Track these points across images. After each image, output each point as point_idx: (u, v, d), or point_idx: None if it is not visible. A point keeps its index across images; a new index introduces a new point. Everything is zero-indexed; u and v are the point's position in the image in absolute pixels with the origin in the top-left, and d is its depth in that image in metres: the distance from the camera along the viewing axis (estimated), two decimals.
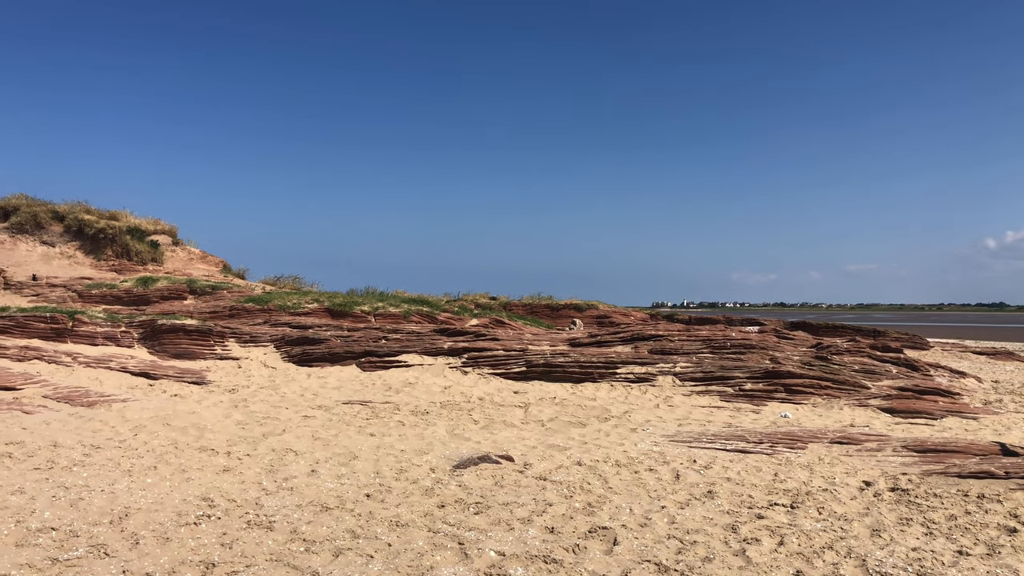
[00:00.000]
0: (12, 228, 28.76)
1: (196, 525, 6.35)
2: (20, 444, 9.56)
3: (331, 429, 11.01)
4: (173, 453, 9.25)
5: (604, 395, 14.19)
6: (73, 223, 28.90)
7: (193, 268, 29.31)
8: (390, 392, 14.64)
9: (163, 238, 30.18)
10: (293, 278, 30.50)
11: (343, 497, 7.26)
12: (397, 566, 5.39)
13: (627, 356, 16.20)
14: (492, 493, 7.31)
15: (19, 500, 7.07)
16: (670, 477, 7.96)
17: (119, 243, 28.50)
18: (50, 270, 26.64)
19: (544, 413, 12.42)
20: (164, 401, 13.55)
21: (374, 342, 18.53)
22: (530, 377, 15.76)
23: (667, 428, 11.13)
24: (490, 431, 11.02)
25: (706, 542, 5.85)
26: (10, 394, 13.63)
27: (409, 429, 11.08)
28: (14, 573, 5.25)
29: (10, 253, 27.49)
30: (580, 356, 16.29)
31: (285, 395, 14.38)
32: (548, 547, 5.74)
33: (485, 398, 13.92)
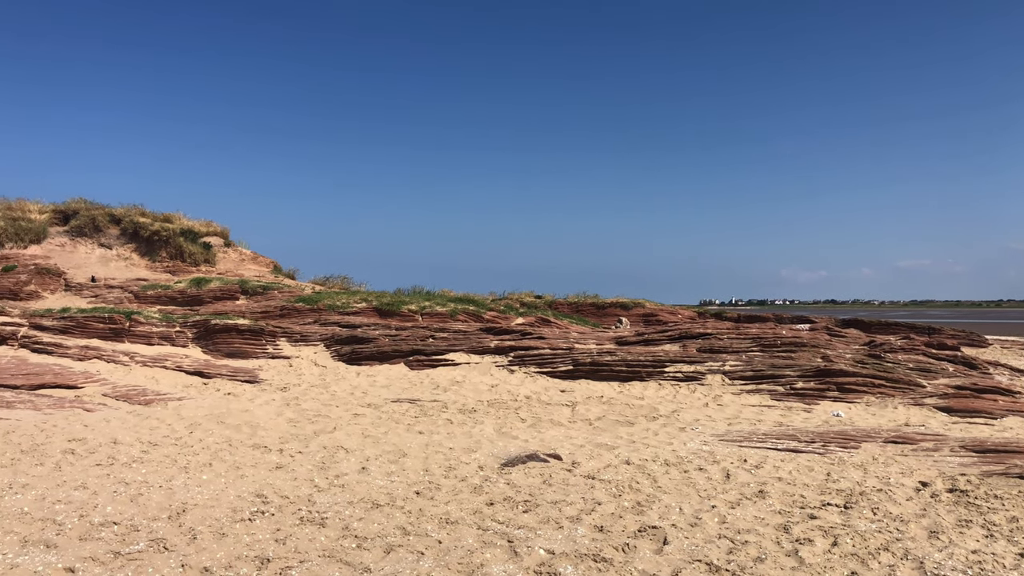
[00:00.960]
0: (72, 231, 29.61)
1: (251, 521, 6.48)
2: (82, 441, 9.85)
3: (380, 427, 11.14)
4: (227, 450, 9.44)
5: (652, 394, 14.10)
6: (129, 226, 29.63)
7: (245, 269, 29.84)
8: (438, 390, 14.74)
9: (215, 239, 30.77)
10: (342, 278, 30.85)
11: (393, 494, 7.33)
12: (447, 563, 5.43)
13: (675, 355, 16.08)
14: (540, 491, 7.32)
15: (82, 495, 7.30)
16: (720, 476, 7.88)
17: (173, 245, 29.15)
18: (108, 272, 27.37)
19: (591, 412, 12.39)
20: (218, 399, 13.83)
21: (421, 341, 18.68)
22: (577, 376, 15.73)
23: (717, 427, 11.02)
24: (537, 430, 11.03)
25: (758, 542, 5.79)
26: (72, 392, 14.05)
27: (457, 427, 11.14)
28: (78, 566, 5.42)
29: (70, 256, 28.31)
30: (627, 355, 16.21)
31: (335, 393, 14.58)
32: (598, 546, 5.73)
33: (532, 397, 13.94)
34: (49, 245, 28.89)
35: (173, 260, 28.86)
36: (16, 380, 14.47)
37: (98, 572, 5.32)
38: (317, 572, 5.31)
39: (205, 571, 5.33)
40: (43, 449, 9.35)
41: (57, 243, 29.07)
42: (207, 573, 5.30)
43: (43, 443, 9.71)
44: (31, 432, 10.45)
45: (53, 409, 12.39)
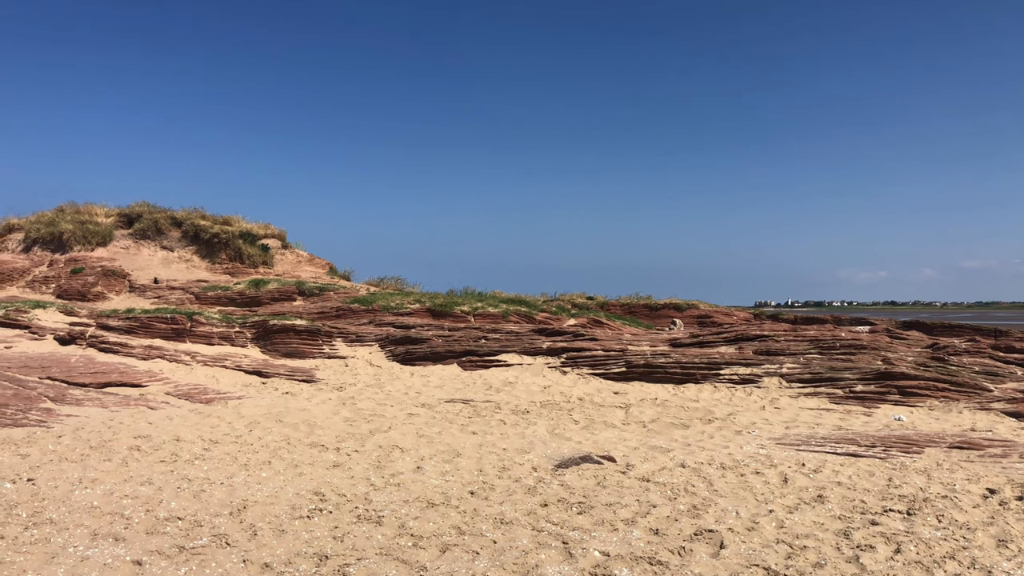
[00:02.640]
0: (135, 234, 30.52)
1: (309, 518, 6.60)
2: (147, 438, 10.14)
3: (434, 427, 11.23)
4: (286, 448, 9.62)
5: (707, 396, 13.95)
6: (190, 228, 30.43)
7: (301, 270, 30.37)
8: (491, 391, 14.80)
9: (273, 242, 31.39)
10: (395, 279, 31.22)
11: (448, 494, 7.39)
12: (503, 563, 5.46)
13: (731, 357, 15.88)
14: (595, 493, 7.31)
15: (148, 491, 7.51)
16: (778, 480, 7.76)
17: (232, 247, 29.84)
18: (169, 273, 28.13)
19: (645, 414, 12.31)
20: (276, 398, 14.10)
21: (474, 342, 18.78)
22: (630, 378, 15.65)
23: (773, 431, 10.86)
24: (591, 431, 11.00)
25: (817, 547, 5.69)
26: (137, 391, 14.48)
27: (510, 428, 11.18)
28: (145, 559, 5.59)
29: (134, 258, 29.17)
30: (682, 357, 16.06)
31: (390, 393, 14.74)
32: (653, 548, 5.70)
33: (585, 398, 13.91)
34: (114, 247, 29.82)
35: (232, 262, 29.54)
36: (85, 378, 14.96)
37: (164, 565, 5.48)
38: (374, 570, 5.38)
39: (266, 567, 5.45)
40: (110, 445, 9.65)
41: (122, 246, 29.99)
42: (268, 569, 5.41)
43: (110, 440, 10.02)
44: (99, 429, 10.79)
45: (119, 407, 12.77)
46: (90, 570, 5.39)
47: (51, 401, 12.74)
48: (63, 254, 29.12)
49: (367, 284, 30.14)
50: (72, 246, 29.37)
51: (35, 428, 10.89)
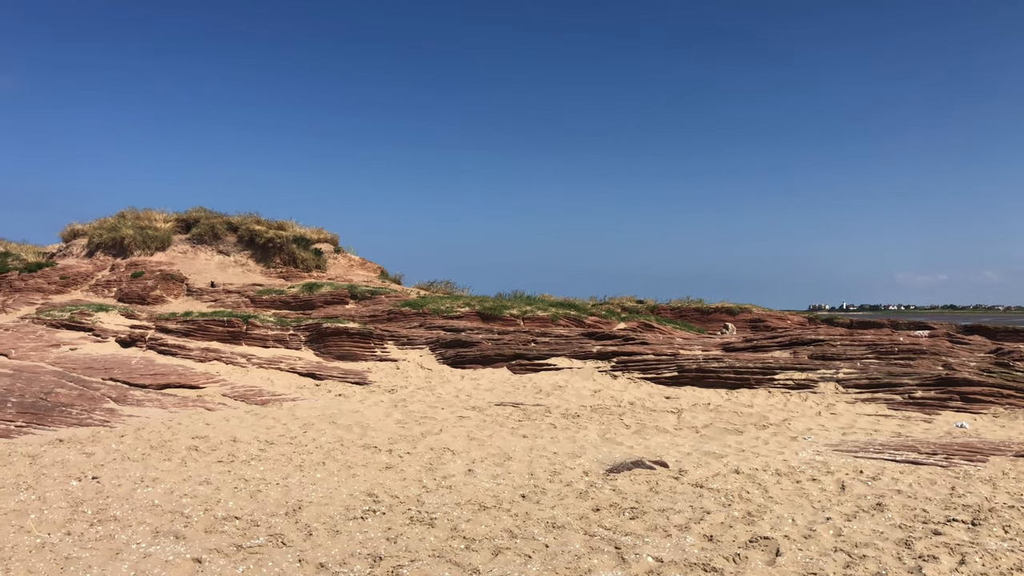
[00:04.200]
0: (193, 239, 31.22)
1: (363, 519, 6.67)
2: (204, 439, 10.37)
3: (485, 430, 11.26)
4: (339, 450, 9.74)
5: (761, 402, 13.73)
6: (245, 233, 31.02)
7: (353, 274, 30.73)
8: (540, 395, 14.79)
9: (326, 246, 31.82)
10: (445, 283, 31.36)
11: (499, 497, 7.40)
12: (555, 567, 5.44)
13: (785, 361, 15.61)
14: (647, 499, 7.25)
15: (206, 490, 7.68)
16: (835, 488, 7.61)
17: (286, 251, 30.33)
18: (226, 277, 28.70)
19: (698, 419, 12.17)
20: (329, 400, 14.29)
21: (523, 345, 18.78)
22: (682, 382, 15.48)
23: (830, 437, 10.64)
24: (642, 436, 10.92)
25: (877, 557, 5.55)
26: (194, 392, 14.80)
27: (561, 432, 11.15)
28: (205, 557, 5.71)
29: (192, 262, 29.84)
30: (735, 361, 15.84)
31: (441, 396, 14.83)
32: (707, 555, 5.63)
33: (636, 403, 13.81)
34: (172, 252, 30.55)
35: (286, 266, 30.02)
36: (145, 380, 15.35)
37: (222, 564, 5.59)
38: (427, 572, 5.41)
39: (321, 567, 5.52)
40: (170, 445, 9.88)
41: (180, 250, 30.70)
42: (323, 569, 5.49)
43: (170, 440, 10.27)
44: (159, 429, 11.06)
45: (178, 408, 13.08)
46: (152, 566, 5.53)
47: (113, 402, 13.10)
48: (124, 259, 29.93)
49: (417, 288, 30.36)
50: (132, 251, 30.17)
51: (99, 428, 11.21)
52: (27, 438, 10.42)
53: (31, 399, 12.49)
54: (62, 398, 12.81)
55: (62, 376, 15.00)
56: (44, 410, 11.89)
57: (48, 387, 13.50)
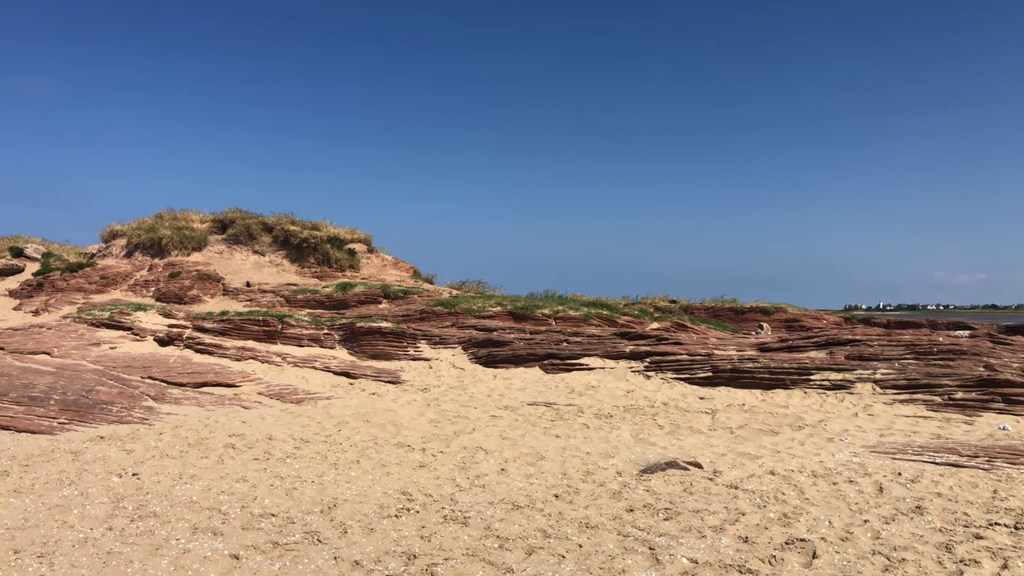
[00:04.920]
0: (229, 239, 31.64)
1: (397, 518, 6.71)
2: (241, 436, 10.50)
3: (517, 429, 11.27)
4: (373, 448, 9.82)
5: (797, 402, 13.58)
6: (280, 234, 31.36)
7: (386, 274, 30.93)
8: (573, 394, 14.76)
9: (359, 246, 32.07)
10: (477, 282, 31.45)
11: (532, 496, 7.41)
12: (589, 568, 5.44)
13: (821, 362, 15.42)
14: (681, 499, 7.21)
15: (243, 487, 7.78)
16: (872, 490, 7.50)
17: (320, 251, 30.62)
18: (261, 277, 29.05)
19: (733, 420, 12.07)
20: (363, 399, 14.40)
21: (556, 345, 18.76)
22: (716, 383, 15.36)
23: (867, 438, 10.50)
24: (676, 437, 10.86)
25: (916, 560, 5.47)
26: (231, 390, 15.00)
27: (593, 432, 11.13)
28: (242, 553, 5.79)
29: (227, 262, 30.24)
30: (770, 361, 15.69)
31: (473, 395, 14.86)
32: (742, 557, 5.59)
33: (669, 403, 13.73)
34: (209, 252, 30.98)
35: (320, 266, 30.30)
36: (182, 378, 15.59)
37: (259, 560, 5.66)
38: (462, 570, 5.44)
39: (356, 564, 5.57)
40: (207, 443, 10.03)
41: (216, 250, 31.12)
42: (358, 566, 5.53)
43: (207, 437, 10.42)
44: (196, 427, 11.23)
45: (214, 406, 13.26)
46: (191, 562, 5.61)
47: (152, 400, 13.32)
48: (161, 259, 30.42)
49: (449, 287, 30.47)
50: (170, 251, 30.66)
51: (138, 425, 11.41)
52: (70, 435, 10.63)
53: (73, 397, 12.75)
54: (103, 396, 13.06)
55: (102, 374, 15.29)
56: (86, 408, 12.12)
57: (89, 385, 13.77)
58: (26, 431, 10.80)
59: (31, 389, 13.09)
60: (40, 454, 9.27)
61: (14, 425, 11.01)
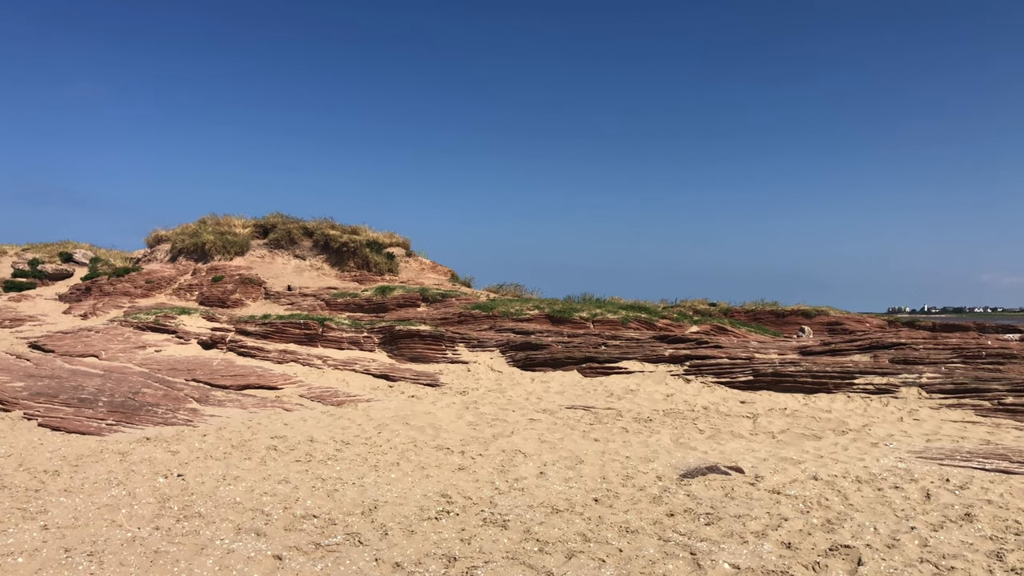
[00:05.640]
0: (270, 244, 32.09)
1: (437, 520, 6.74)
2: (283, 438, 10.63)
3: (556, 433, 11.25)
4: (413, 451, 9.87)
5: (840, 407, 13.37)
6: (320, 238, 31.73)
7: (424, 277, 31.11)
8: (612, 398, 14.69)
9: (397, 250, 32.32)
10: (514, 286, 31.49)
11: (572, 500, 7.39)
12: (629, 572, 5.41)
13: (865, 365, 15.16)
14: (723, 504, 7.13)
15: (285, 489, 7.87)
16: (919, 496, 7.35)
17: (359, 255, 30.92)
18: (301, 281, 29.40)
19: (774, 424, 11.92)
20: (403, 402, 14.49)
21: (594, 348, 18.70)
22: (757, 386, 15.18)
23: (913, 444, 10.29)
24: (716, 441, 10.75)
25: (966, 569, 5.35)
26: (273, 393, 15.20)
27: (633, 436, 11.06)
28: (285, 554, 5.86)
29: (269, 266, 30.66)
30: (812, 365, 15.46)
31: (511, 398, 14.87)
32: (785, 563, 5.51)
33: (710, 407, 13.60)
34: (251, 257, 31.45)
35: (360, 269, 30.59)
36: (225, 381, 15.83)
37: (302, 561, 5.73)
38: (502, 573, 5.44)
39: (397, 566, 5.60)
40: (250, 445, 10.17)
41: (258, 255, 31.58)
42: (399, 568, 5.57)
43: (250, 439, 10.56)
44: (239, 429, 11.39)
45: (257, 408, 13.45)
46: (235, 562, 5.70)
47: (196, 402, 13.55)
48: (205, 263, 30.95)
49: (487, 290, 30.55)
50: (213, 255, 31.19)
51: (183, 427, 11.61)
52: (117, 436, 10.86)
53: (120, 399, 13.02)
54: (148, 398, 13.32)
55: (148, 377, 15.59)
56: (132, 409, 12.37)
57: (135, 387, 14.05)
58: (76, 432, 11.05)
59: (80, 391, 13.39)
60: (89, 455, 9.48)
61: (64, 426, 11.27)
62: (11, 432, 11.06)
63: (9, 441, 10.35)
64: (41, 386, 13.69)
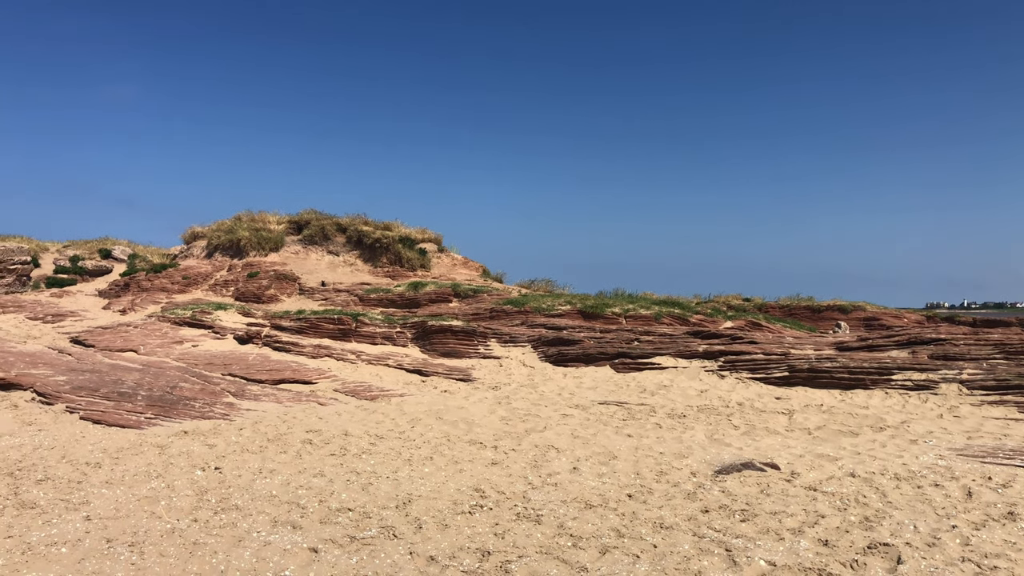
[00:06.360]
0: (304, 240, 32.39)
1: (471, 514, 6.76)
2: (318, 432, 10.73)
3: (589, 428, 11.22)
4: (446, 445, 9.91)
5: (877, 403, 13.18)
6: (353, 234, 31.96)
7: (456, 273, 31.19)
8: (645, 394, 14.63)
9: (429, 246, 32.44)
10: (546, 281, 31.45)
11: (605, 496, 7.37)
12: (664, 568, 5.38)
13: (903, 361, 14.92)
14: (758, 501, 7.07)
15: (320, 482, 7.94)
16: (960, 494, 7.22)
17: (392, 251, 31.09)
18: (335, 276, 29.63)
19: (810, 421, 11.78)
20: (435, 396, 14.55)
21: (626, 344, 18.62)
22: (793, 382, 15.02)
23: (953, 441, 10.11)
24: (752, 437, 10.66)
25: (1010, 568, 5.25)
26: (307, 387, 15.35)
27: (666, 432, 11.00)
28: (320, 547, 5.91)
29: (303, 262, 30.94)
30: (849, 361, 15.25)
31: (543, 393, 14.87)
32: (823, 560, 5.45)
33: (744, 403, 13.48)
34: (285, 253, 31.75)
35: (392, 265, 30.76)
36: (261, 375, 16.02)
37: (337, 554, 5.78)
38: (535, 568, 5.44)
39: (431, 560, 5.63)
40: (285, 439, 10.28)
41: (292, 251, 31.88)
42: (433, 562, 5.59)
43: (285, 433, 10.67)
44: (275, 423, 11.51)
45: (292, 402, 13.58)
46: (272, 554, 5.76)
47: (232, 396, 13.72)
48: (240, 259, 31.31)
49: (518, 286, 30.54)
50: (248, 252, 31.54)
51: (219, 421, 11.77)
52: (155, 429, 11.04)
53: (158, 393, 13.23)
54: (186, 392, 13.51)
55: (185, 371, 15.82)
56: (170, 403, 12.57)
57: (173, 381, 14.27)
58: (116, 425, 11.25)
59: (120, 385, 13.63)
60: (129, 447, 9.64)
61: (105, 419, 11.48)
62: (54, 425, 11.29)
63: (53, 434, 10.57)
64: (82, 380, 13.96)
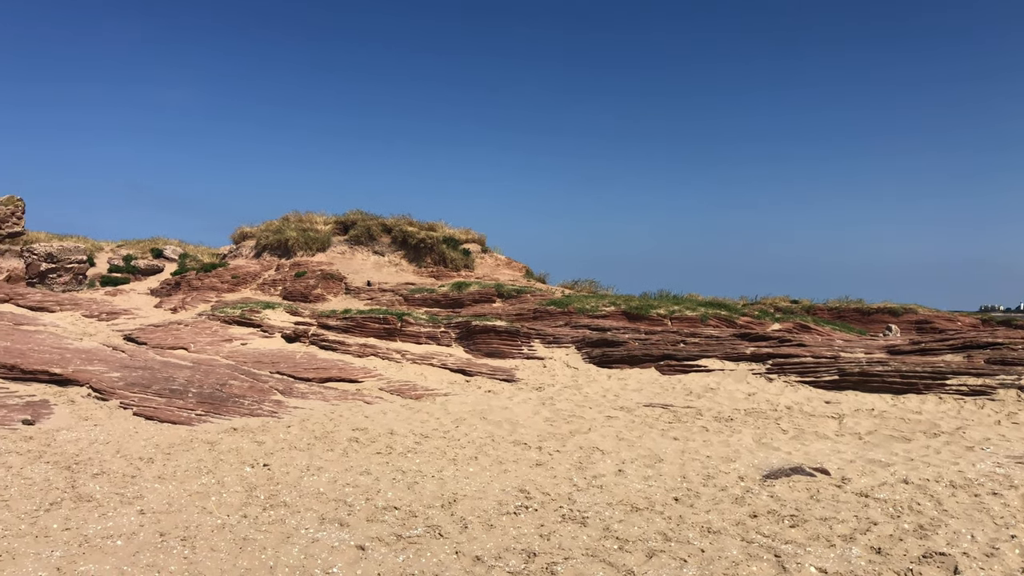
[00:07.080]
0: (350, 240, 32.72)
1: (515, 515, 6.76)
2: (364, 431, 10.82)
3: (634, 430, 11.14)
4: (490, 445, 9.92)
5: (931, 408, 12.86)
6: (398, 234, 32.20)
7: (499, 273, 31.24)
8: (691, 396, 14.48)
9: (473, 246, 32.54)
10: (589, 282, 31.29)
11: (651, 499, 7.31)
12: (712, 573, 5.31)
13: (958, 366, 14.54)
14: (808, 507, 6.94)
15: (366, 480, 8.01)
16: (1020, 503, 7.01)
17: (436, 251, 31.25)
18: (380, 276, 29.87)
19: (861, 425, 11.55)
20: (479, 396, 14.58)
21: (672, 345, 18.45)
22: (843, 386, 14.73)
23: (1012, 448, 9.82)
24: (800, 442, 10.48)
25: None
26: (353, 386, 15.50)
27: (713, 435, 10.87)
28: (367, 545, 5.96)
29: (349, 262, 31.26)
30: (901, 364, 14.91)
31: (588, 395, 14.81)
32: (876, 568, 5.33)
33: (793, 407, 13.26)
34: (332, 253, 32.11)
35: (436, 265, 30.92)
36: (308, 374, 16.22)
37: (384, 552, 5.81)
38: (582, 570, 5.42)
39: (477, 560, 5.63)
40: (332, 436, 10.39)
41: (338, 251, 32.23)
42: (479, 562, 5.60)
43: (332, 431, 10.79)
44: (322, 421, 11.65)
45: (338, 400, 13.73)
46: (320, 551, 5.82)
47: (280, 394, 13.91)
48: (288, 259, 31.74)
49: (562, 286, 30.46)
50: (295, 251, 31.96)
51: (268, 418, 11.94)
52: (206, 426, 11.24)
53: (208, 390, 13.47)
54: (235, 389, 13.74)
55: (234, 369, 16.09)
56: (220, 400, 12.79)
57: (223, 379, 14.52)
58: (167, 421, 11.49)
59: (171, 382, 13.91)
60: (180, 443, 9.84)
61: (157, 415, 11.73)
62: (108, 420, 11.57)
63: (107, 429, 10.83)
64: (135, 377, 14.28)
